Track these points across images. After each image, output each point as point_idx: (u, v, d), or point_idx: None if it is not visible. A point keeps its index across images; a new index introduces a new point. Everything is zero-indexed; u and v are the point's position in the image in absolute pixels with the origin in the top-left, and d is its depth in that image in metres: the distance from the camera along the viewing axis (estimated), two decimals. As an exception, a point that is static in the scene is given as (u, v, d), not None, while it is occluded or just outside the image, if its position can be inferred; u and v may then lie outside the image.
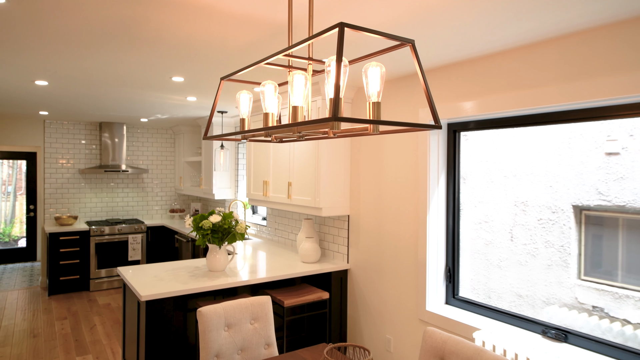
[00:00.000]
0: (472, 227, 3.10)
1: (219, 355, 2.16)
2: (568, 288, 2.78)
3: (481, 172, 3.02)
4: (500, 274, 3.00)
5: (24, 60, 2.81)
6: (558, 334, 2.37)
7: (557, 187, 2.98)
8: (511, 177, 3.17)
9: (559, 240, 3.00)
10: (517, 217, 3.11)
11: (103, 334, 4.36)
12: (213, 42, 2.37)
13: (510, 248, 3.03)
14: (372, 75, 1.13)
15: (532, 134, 2.80)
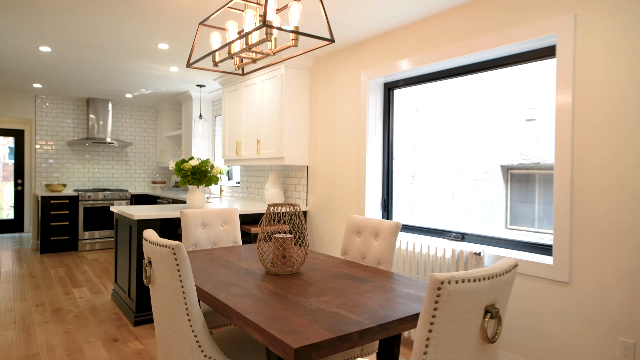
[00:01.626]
0: (423, 190, 3.76)
1: (197, 244, 2.83)
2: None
3: (429, 142, 3.67)
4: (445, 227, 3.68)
5: (32, 25, 3.42)
6: (457, 236, 3.13)
7: (489, 151, 3.71)
8: (453, 145, 3.90)
9: (490, 196, 3.73)
10: (457, 179, 3.80)
11: (94, 276, 4.96)
12: (192, 5, 3.05)
13: (452, 206, 3.65)
14: (295, 8, 1.84)
15: (470, 107, 3.47)
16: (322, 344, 1.27)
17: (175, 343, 1.64)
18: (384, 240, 2.38)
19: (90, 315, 3.61)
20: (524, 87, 3.13)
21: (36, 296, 4.14)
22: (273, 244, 2.06)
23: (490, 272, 1.20)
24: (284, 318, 1.44)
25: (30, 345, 2.97)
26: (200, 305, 2.43)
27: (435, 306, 1.14)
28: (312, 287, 1.83)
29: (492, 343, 1.24)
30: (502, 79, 3.25)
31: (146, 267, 1.72)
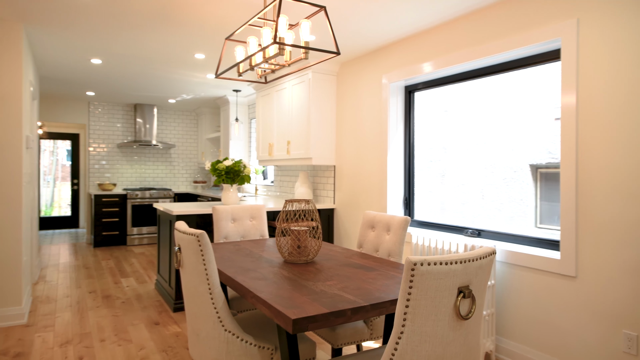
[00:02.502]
0: (453, 189, 3.83)
1: (227, 237, 3.12)
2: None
3: (459, 142, 3.72)
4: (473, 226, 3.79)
5: (86, 41, 3.84)
6: (473, 232, 3.24)
7: (518, 150, 3.77)
8: (482, 144, 3.98)
9: (519, 195, 3.79)
10: (487, 178, 3.87)
11: (140, 267, 5.41)
12: (223, 20, 3.34)
13: (482, 205, 3.68)
14: (305, 25, 2.06)
15: (498, 106, 3.48)
16: (317, 317, 1.48)
17: (200, 319, 1.90)
18: (394, 234, 2.56)
19: (135, 302, 4.00)
20: (552, 86, 3.17)
21: (89, 284, 4.61)
22: (290, 235, 2.29)
23: (463, 257, 1.37)
24: (289, 297, 1.67)
25: (83, 325, 3.37)
26: (227, 291, 2.71)
27: (410, 284, 1.32)
28: (321, 274, 2.04)
29: (466, 320, 1.41)
30: (530, 78, 3.28)
31: (177, 253, 2.00)
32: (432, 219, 3.76)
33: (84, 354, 2.85)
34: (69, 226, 8.93)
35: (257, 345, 1.89)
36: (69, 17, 3.26)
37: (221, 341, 1.84)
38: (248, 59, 2.27)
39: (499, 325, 2.86)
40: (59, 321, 3.46)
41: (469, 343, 1.47)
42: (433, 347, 1.37)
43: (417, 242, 3.29)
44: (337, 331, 2.18)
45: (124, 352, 2.89)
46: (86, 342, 3.05)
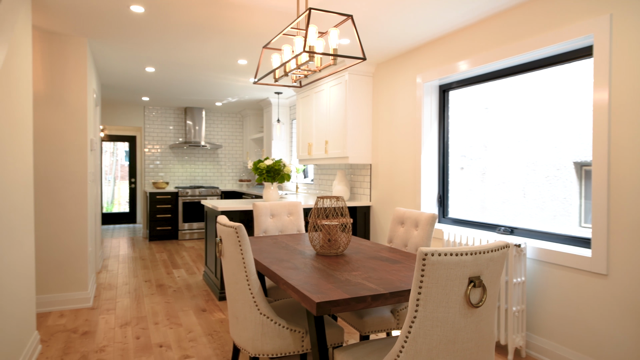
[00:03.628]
0: (494, 187, 3.76)
1: (266, 231, 3.34)
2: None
3: (499, 139, 3.68)
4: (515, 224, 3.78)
5: (142, 51, 4.21)
6: (506, 230, 3.26)
7: (561, 147, 3.72)
8: (524, 141, 3.95)
9: (562, 193, 3.74)
10: (529, 176, 3.82)
11: (190, 260, 5.79)
12: (262, 29, 3.56)
13: (523, 204, 3.59)
14: (333, 33, 2.22)
15: (540, 103, 3.41)
16: (339, 301, 1.64)
17: (239, 303, 2.11)
18: (422, 230, 2.66)
19: (185, 291, 4.34)
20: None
21: (145, 274, 5.02)
22: (322, 230, 2.46)
23: (473, 249, 1.47)
24: (316, 284, 1.84)
25: (140, 310, 3.73)
26: (265, 280, 2.92)
27: (422, 273, 1.45)
28: (349, 265, 2.19)
29: (477, 308, 1.51)
30: (573, 73, 3.21)
31: (218, 244, 2.22)
32: (468, 217, 3.79)
33: (140, 334, 3.17)
34: (127, 221, 9.62)
35: (289, 329, 2.07)
36: (127, 31, 3.61)
37: (257, 323, 2.04)
38: (282, 66, 2.46)
39: (529, 322, 2.88)
40: (119, 305, 3.84)
41: (481, 330, 1.57)
42: (444, 332, 1.49)
43: (448, 239, 3.35)
44: (365, 319, 2.33)
45: (174, 334, 3.18)
46: (142, 324, 3.38)
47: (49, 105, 3.65)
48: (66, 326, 3.32)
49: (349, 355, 1.82)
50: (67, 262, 3.72)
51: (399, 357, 1.52)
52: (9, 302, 2.26)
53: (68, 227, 3.72)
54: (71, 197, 3.73)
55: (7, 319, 2.22)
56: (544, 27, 2.76)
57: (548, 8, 2.74)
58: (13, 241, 2.35)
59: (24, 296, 2.58)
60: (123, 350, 2.89)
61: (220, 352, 2.88)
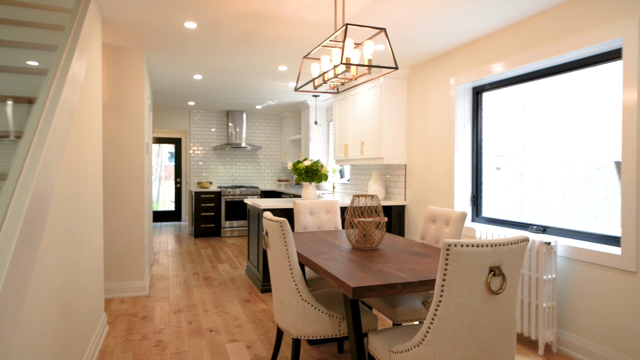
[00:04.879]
0: (532, 187, 3.75)
1: (305, 227, 3.58)
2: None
3: (538, 139, 3.68)
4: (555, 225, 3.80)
5: (190, 61, 4.56)
6: (538, 228, 3.34)
7: (602, 147, 3.73)
8: (563, 141, 3.98)
9: (603, 193, 3.75)
10: (568, 177, 3.83)
11: (232, 255, 6.15)
12: (302, 39, 3.81)
13: (562, 204, 3.58)
14: (368, 45, 2.42)
15: (580, 102, 3.35)
16: (372, 287, 1.84)
17: (282, 290, 2.36)
18: (452, 227, 2.81)
19: (230, 283, 4.66)
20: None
21: (192, 267, 5.40)
22: (357, 226, 2.67)
23: (493, 242, 1.64)
24: (352, 272, 2.05)
25: (190, 299, 4.07)
26: (305, 271, 3.16)
27: (446, 262, 1.63)
28: (382, 258, 2.39)
29: (497, 294, 1.67)
30: (612, 74, 3.19)
31: (264, 237, 2.48)
32: (502, 216, 3.87)
33: (192, 320, 3.50)
34: (172, 219, 10.19)
35: (328, 314, 2.30)
36: (180, 44, 3.96)
37: (299, 308, 2.28)
38: (322, 76, 2.69)
39: (560, 318, 2.96)
40: (172, 294, 4.20)
41: (502, 315, 1.73)
42: (467, 315, 1.66)
43: (479, 237, 3.47)
44: (397, 309, 2.52)
45: (222, 321, 3.48)
46: (193, 311, 3.71)
47: (112, 112, 4.06)
48: (127, 311, 3.70)
49: (382, 337, 2.02)
50: (127, 254, 4.12)
51: (426, 336, 1.71)
52: (87, 285, 2.61)
53: (127, 222, 4.12)
54: (130, 196, 4.12)
55: (86, 300, 2.57)
56: (574, 31, 2.84)
57: (577, 12, 2.82)
58: (90, 233, 2.71)
59: (96, 282, 2.95)
60: (178, 333, 3.21)
61: (264, 337, 3.14)
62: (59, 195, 2.01)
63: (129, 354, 2.85)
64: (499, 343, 1.74)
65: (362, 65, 2.27)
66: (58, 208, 2.00)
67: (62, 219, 2.06)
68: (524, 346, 3.03)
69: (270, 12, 3.15)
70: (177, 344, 3.01)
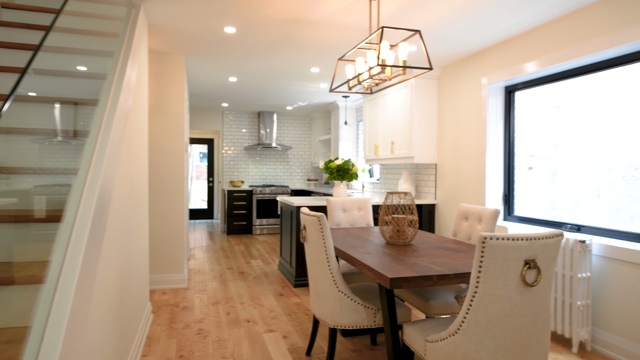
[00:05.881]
0: (565, 187, 3.70)
1: (338, 224, 3.69)
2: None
3: (572, 138, 3.63)
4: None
5: (226, 64, 4.75)
6: (572, 227, 3.33)
7: (639, 146, 3.67)
8: (598, 140, 3.94)
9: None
10: (604, 177, 3.78)
11: (264, 252, 6.32)
12: (335, 41, 3.92)
13: (597, 204, 3.51)
14: (403, 47, 2.50)
15: (616, 101, 3.28)
16: (409, 278, 1.93)
17: (320, 281, 2.47)
18: (485, 224, 2.86)
19: (263, 278, 4.82)
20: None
21: (227, 262, 5.60)
22: (391, 222, 2.75)
23: (528, 236, 1.70)
24: (388, 265, 2.14)
25: (227, 292, 4.24)
26: (340, 266, 3.26)
27: (482, 254, 1.70)
28: (416, 252, 2.47)
29: (531, 287, 1.73)
30: None
31: (302, 231, 2.60)
32: (535, 216, 3.86)
33: (230, 311, 3.66)
34: (205, 217, 10.49)
35: (363, 305, 2.39)
36: (218, 48, 4.14)
37: (335, 299, 2.39)
38: (357, 77, 2.79)
39: (595, 317, 2.96)
40: (209, 287, 4.39)
41: (537, 307, 1.78)
42: (502, 306, 1.73)
43: (513, 235, 3.48)
44: (430, 302, 2.59)
45: (258, 312, 3.63)
46: (230, 303, 3.88)
47: (155, 113, 4.29)
48: (169, 301, 3.90)
49: (417, 327, 2.11)
50: (167, 248, 4.34)
51: (461, 326, 1.78)
52: (137, 275, 2.80)
53: (168, 218, 4.33)
54: (171, 193, 4.34)
55: (136, 289, 2.76)
56: (611, 28, 2.84)
57: (614, 9, 2.81)
58: (139, 227, 2.90)
59: (143, 273, 3.14)
60: (217, 323, 3.38)
61: (299, 328, 3.27)
62: (117, 191, 2.19)
63: (173, 341, 3.03)
64: (534, 334, 1.79)
65: (398, 66, 2.36)
66: (116, 202, 2.18)
67: (119, 212, 2.24)
68: (557, 344, 3.04)
69: (306, 16, 3.27)
70: (217, 333, 3.17)
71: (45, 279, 1.38)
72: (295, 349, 2.90)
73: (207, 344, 2.97)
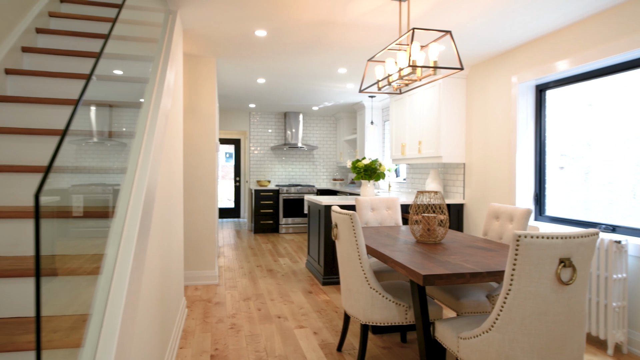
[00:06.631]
0: (598, 187, 3.62)
1: (367, 223, 3.73)
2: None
3: (605, 137, 3.55)
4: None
5: (256, 66, 4.85)
6: (607, 228, 3.27)
7: None
8: (633, 139, 3.86)
9: None
10: (639, 176, 3.68)
11: (291, 250, 6.41)
12: (363, 42, 3.96)
13: (632, 205, 3.41)
14: (433, 47, 2.53)
15: None
16: (442, 275, 1.96)
17: (352, 278, 2.52)
18: (516, 223, 2.85)
19: (291, 276, 4.90)
20: None
21: (255, 260, 5.72)
22: (422, 221, 2.78)
23: (563, 234, 1.71)
24: (420, 262, 2.17)
25: (257, 289, 4.34)
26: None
27: (516, 252, 1.72)
28: (447, 251, 2.49)
29: (567, 285, 1.74)
30: None
31: (334, 229, 2.65)
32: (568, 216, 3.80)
33: (260, 307, 3.75)
34: (232, 216, 10.69)
35: (395, 302, 2.43)
36: (249, 51, 4.25)
37: (367, 295, 2.44)
38: (387, 78, 2.82)
39: (631, 319, 2.90)
40: (239, 284, 4.50)
41: (572, 306, 1.79)
42: (536, 304, 1.74)
43: (545, 235, 3.44)
44: (461, 301, 2.60)
45: (288, 309, 3.71)
46: (261, 299, 3.98)
47: (188, 114, 4.43)
48: (202, 297, 4.03)
49: (449, 325, 2.13)
50: (199, 245, 4.47)
51: (495, 323, 1.80)
52: (174, 270, 2.92)
53: (200, 216, 4.47)
54: (203, 191, 4.47)
55: (173, 283, 2.88)
56: (648, 26, 2.78)
57: (652, 7, 2.75)
58: (175, 225, 3.02)
59: (179, 268, 3.27)
60: (249, 318, 3.47)
61: (329, 325, 3.33)
62: (158, 189, 2.30)
63: (207, 334, 3.14)
64: (569, 333, 1.80)
65: (429, 67, 2.38)
66: (158, 200, 2.29)
67: (160, 210, 2.36)
68: (592, 345, 2.99)
69: (336, 18, 3.33)
70: (250, 328, 3.27)
71: (101, 270, 1.48)
72: (326, 344, 2.96)
73: (240, 338, 3.06)
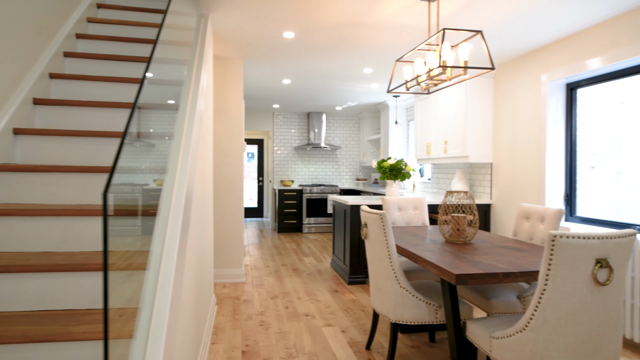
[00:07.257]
0: (631, 187, 3.51)
1: (394, 223, 3.74)
2: None
3: (637, 136, 3.42)
4: None
5: (281, 67, 4.92)
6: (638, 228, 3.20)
7: None
8: None
9: None
10: None
11: (316, 250, 6.47)
12: (389, 42, 3.97)
13: None
14: (464, 47, 2.53)
15: None
16: (474, 275, 1.97)
17: (381, 277, 2.55)
18: (548, 224, 2.82)
19: (317, 275, 4.95)
20: None
21: (280, 259, 5.79)
22: (451, 221, 2.78)
23: (600, 234, 1.69)
24: (451, 262, 2.19)
25: (283, 287, 4.41)
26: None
27: (551, 251, 1.71)
28: (478, 251, 2.49)
29: (603, 286, 1.72)
30: None
31: (363, 228, 2.69)
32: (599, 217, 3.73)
33: (288, 305, 3.81)
34: (255, 215, 10.82)
35: (425, 301, 2.45)
36: (276, 52, 4.32)
37: (397, 294, 2.46)
38: (416, 78, 2.84)
39: (668, 322, 2.83)
40: (266, 282, 4.58)
41: (609, 307, 1.77)
42: (572, 305, 1.73)
43: (576, 236, 3.38)
44: (492, 301, 2.59)
45: (315, 307, 3.76)
46: (288, 298, 4.04)
47: (217, 115, 4.53)
48: (230, 294, 4.12)
49: (480, 324, 2.14)
50: (227, 244, 4.57)
51: (529, 323, 1.80)
52: (206, 268, 3.01)
53: (228, 215, 4.56)
54: (231, 191, 4.56)
55: (205, 280, 2.96)
56: (686, 22, 2.71)
57: (691, 2, 2.68)
58: (207, 224, 3.11)
59: (210, 266, 3.35)
60: (277, 315, 3.54)
61: (357, 324, 3.36)
62: (194, 188, 2.38)
63: (238, 331, 3.21)
64: (605, 334, 1.78)
65: (459, 67, 2.39)
66: (194, 199, 2.37)
67: (195, 209, 2.43)
68: (627, 349, 2.94)
69: (364, 19, 3.35)
70: (279, 325, 3.33)
71: (148, 265, 1.55)
72: (355, 343, 3.00)
73: (269, 335, 3.12)
